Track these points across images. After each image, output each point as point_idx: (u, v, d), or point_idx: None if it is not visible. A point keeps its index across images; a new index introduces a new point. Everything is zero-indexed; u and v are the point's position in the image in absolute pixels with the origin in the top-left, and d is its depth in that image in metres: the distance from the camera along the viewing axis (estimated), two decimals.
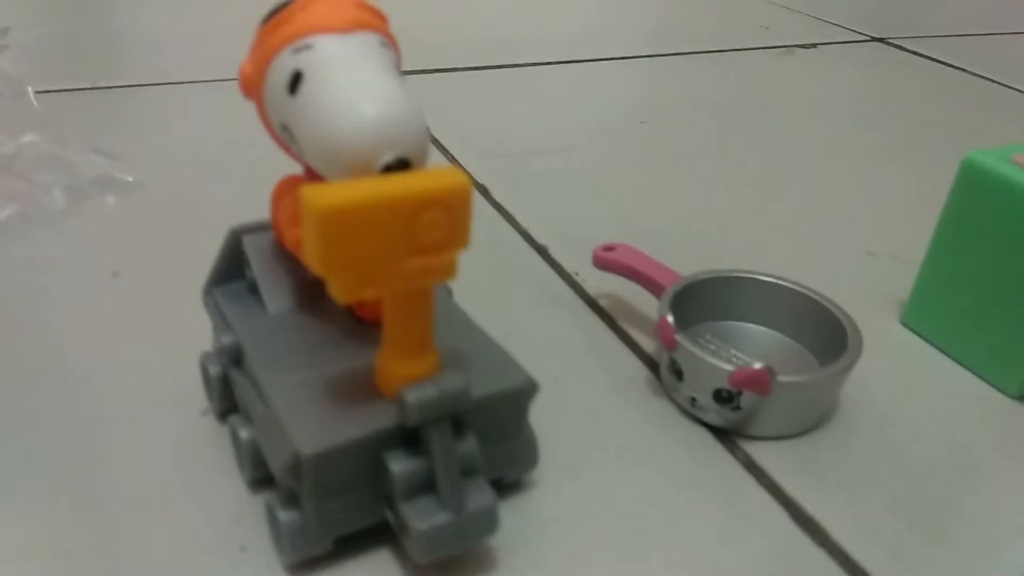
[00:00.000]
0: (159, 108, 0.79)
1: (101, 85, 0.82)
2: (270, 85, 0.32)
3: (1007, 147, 0.49)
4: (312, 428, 0.32)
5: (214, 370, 0.39)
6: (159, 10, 1.10)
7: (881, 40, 1.22)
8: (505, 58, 1.00)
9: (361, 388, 0.34)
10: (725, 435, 0.45)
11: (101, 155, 0.61)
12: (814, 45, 1.18)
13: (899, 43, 1.21)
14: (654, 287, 0.50)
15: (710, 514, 0.40)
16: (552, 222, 0.65)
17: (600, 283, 0.57)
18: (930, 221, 0.52)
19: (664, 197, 0.70)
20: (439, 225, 0.30)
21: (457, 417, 0.33)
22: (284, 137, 0.33)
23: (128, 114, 0.77)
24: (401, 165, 0.30)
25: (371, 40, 0.32)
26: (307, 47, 0.31)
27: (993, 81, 1.06)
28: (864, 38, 1.23)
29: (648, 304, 0.53)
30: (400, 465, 0.32)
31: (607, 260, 0.52)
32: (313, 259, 0.28)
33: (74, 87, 0.81)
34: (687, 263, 0.51)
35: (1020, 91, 1.03)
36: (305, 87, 0.31)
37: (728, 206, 0.70)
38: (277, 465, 0.32)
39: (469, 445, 0.34)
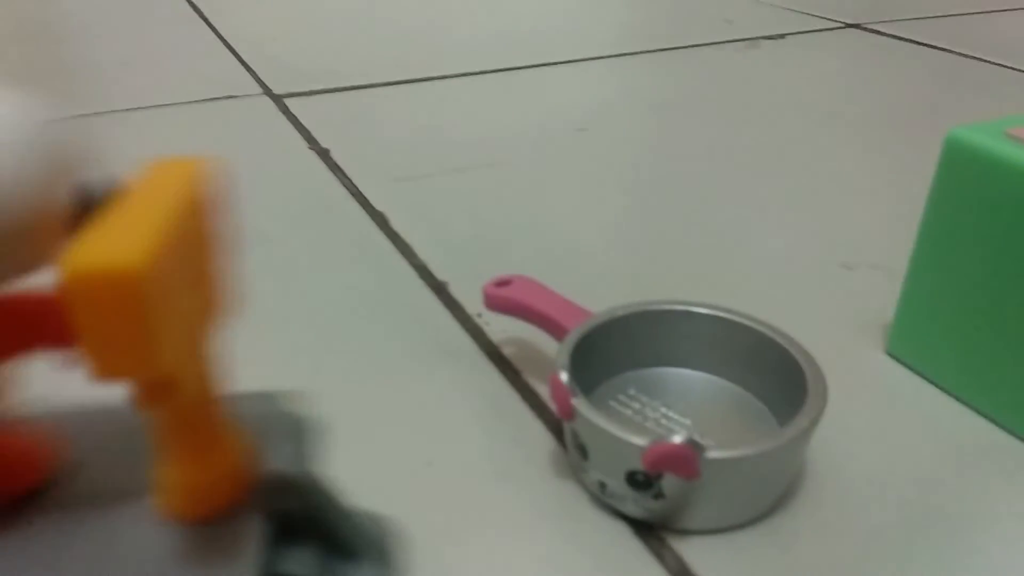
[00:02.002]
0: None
1: None
2: None
3: (1001, 120, 0.38)
4: None
5: None
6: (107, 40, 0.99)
7: (855, 26, 1.11)
8: (426, 69, 0.89)
9: None
10: (648, 529, 0.33)
11: None
12: (782, 36, 1.07)
13: (875, 27, 1.10)
14: (558, 331, 0.38)
15: None
16: (457, 254, 0.53)
17: (507, 327, 0.45)
18: (917, 224, 0.41)
19: (599, 217, 0.59)
20: None
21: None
22: None
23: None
24: None
25: None
26: None
27: (981, 60, 0.95)
28: (837, 25, 1.12)
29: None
30: None
31: (500, 299, 0.41)
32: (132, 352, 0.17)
33: None
34: (620, 296, 0.39)
35: (1011, 68, 0.92)
36: None
37: (675, 223, 0.58)
38: None
39: None
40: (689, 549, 0.32)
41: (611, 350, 0.38)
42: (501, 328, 0.46)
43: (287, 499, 0.24)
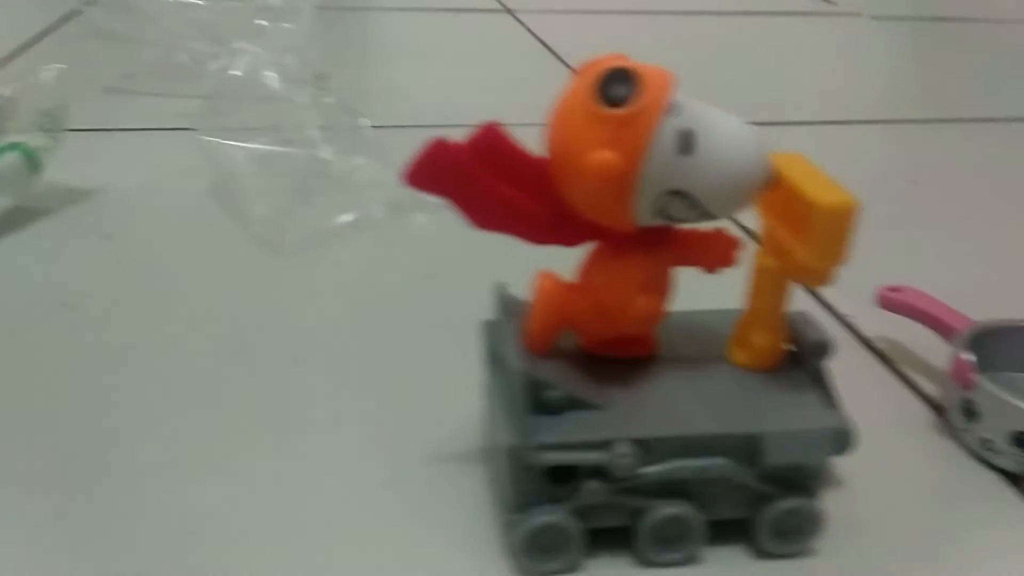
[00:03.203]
0: None
1: (403, 124, 0.94)
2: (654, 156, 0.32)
3: None
4: None
5: None
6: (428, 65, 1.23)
7: None
8: (765, 116, 1.02)
9: None
10: (1019, 480, 0.44)
11: None
12: None
13: None
14: (945, 330, 0.50)
15: (1002, 558, 0.40)
16: None
17: (874, 326, 0.57)
18: None
19: (937, 252, 0.69)
20: None
21: None
22: (658, 207, 0.34)
23: None
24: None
25: None
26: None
27: None
28: None
29: (928, 347, 0.53)
30: None
31: (894, 301, 0.53)
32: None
33: (384, 124, 0.93)
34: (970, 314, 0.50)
35: None
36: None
37: (1011, 266, 0.67)
38: None
39: None
40: None
41: (990, 352, 0.48)
42: (869, 327, 0.57)
43: (817, 363, 0.39)
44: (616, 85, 0.32)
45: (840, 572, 0.38)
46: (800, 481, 0.37)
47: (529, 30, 1.35)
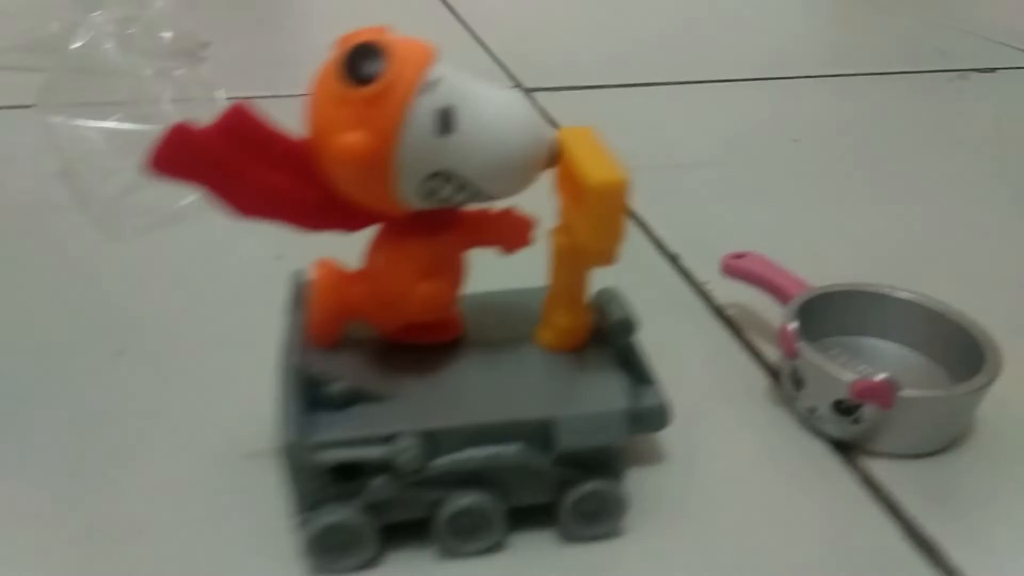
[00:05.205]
0: None
1: (282, 94, 0.90)
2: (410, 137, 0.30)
3: None
4: None
5: None
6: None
7: None
8: (659, 76, 1.01)
9: None
10: (844, 449, 0.43)
11: None
12: (993, 70, 1.11)
13: None
14: (783, 297, 0.49)
15: (819, 526, 0.39)
16: (686, 232, 0.65)
17: (730, 293, 0.56)
18: None
19: (808, 214, 0.69)
20: None
21: None
22: (424, 190, 0.32)
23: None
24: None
25: None
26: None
27: None
28: None
29: (778, 315, 0.52)
30: None
31: (736, 268, 0.52)
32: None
33: (260, 95, 0.89)
34: (824, 280, 0.50)
35: None
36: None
37: (877, 228, 0.67)
38: None
39: None
40: (874, 465, 0.42)
41: (825, 316, 0.48)
42: (725, 294, 0.57)
43: (621, 341, 0.38)
44: (364, 62, 0.30)
45: (647, 552, 0.38)
46: (602, 462, 0.36)
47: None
